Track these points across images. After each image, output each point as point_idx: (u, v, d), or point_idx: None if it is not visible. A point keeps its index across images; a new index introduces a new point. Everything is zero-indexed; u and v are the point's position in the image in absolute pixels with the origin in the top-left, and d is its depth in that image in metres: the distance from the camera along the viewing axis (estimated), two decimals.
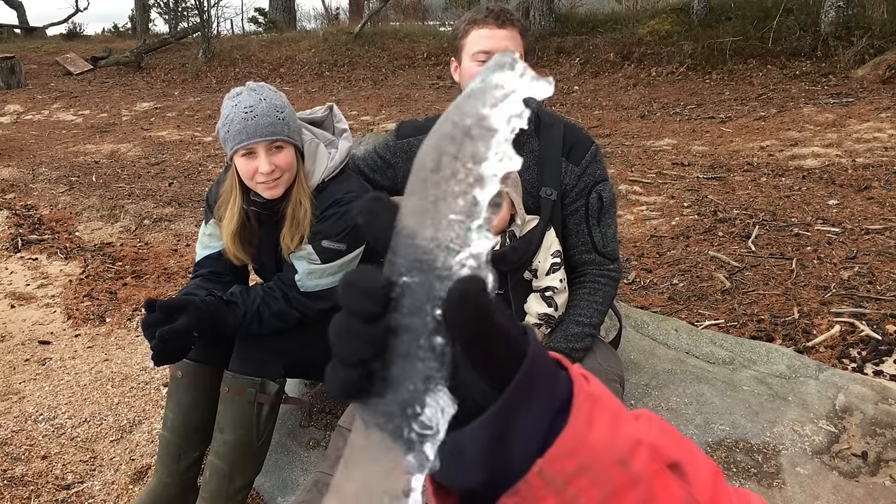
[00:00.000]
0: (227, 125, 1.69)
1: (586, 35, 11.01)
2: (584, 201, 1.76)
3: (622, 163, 5.87)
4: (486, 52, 1.73)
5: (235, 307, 1.72)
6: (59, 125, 9.23)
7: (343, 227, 1.77)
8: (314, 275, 1.78)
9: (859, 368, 2.54)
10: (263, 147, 1.68)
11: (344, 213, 1.78)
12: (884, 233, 3.82)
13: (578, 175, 1.76)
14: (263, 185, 1.72)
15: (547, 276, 1.68)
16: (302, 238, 1.75)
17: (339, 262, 1.79)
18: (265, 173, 1.69)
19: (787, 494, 1.68)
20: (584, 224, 1.76)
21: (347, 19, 18.19)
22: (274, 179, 1.71)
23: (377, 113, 9.03)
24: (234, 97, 1.72)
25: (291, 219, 1.75)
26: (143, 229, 4.65)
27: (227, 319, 1.71)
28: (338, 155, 1.84)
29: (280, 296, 1.76)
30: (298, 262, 1.79)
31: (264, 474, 1.87)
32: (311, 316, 1.79)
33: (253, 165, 1.70)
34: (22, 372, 2.82)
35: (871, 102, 7.11)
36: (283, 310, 1.76)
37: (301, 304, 1.77)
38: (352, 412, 1.61)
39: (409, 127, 1.96)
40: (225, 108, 1.72)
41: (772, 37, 9.21)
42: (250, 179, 1.73)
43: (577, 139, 1.81)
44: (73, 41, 16.21)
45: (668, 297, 3.30)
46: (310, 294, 1.78)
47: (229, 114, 1.69)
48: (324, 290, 1.79)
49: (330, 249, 1.77)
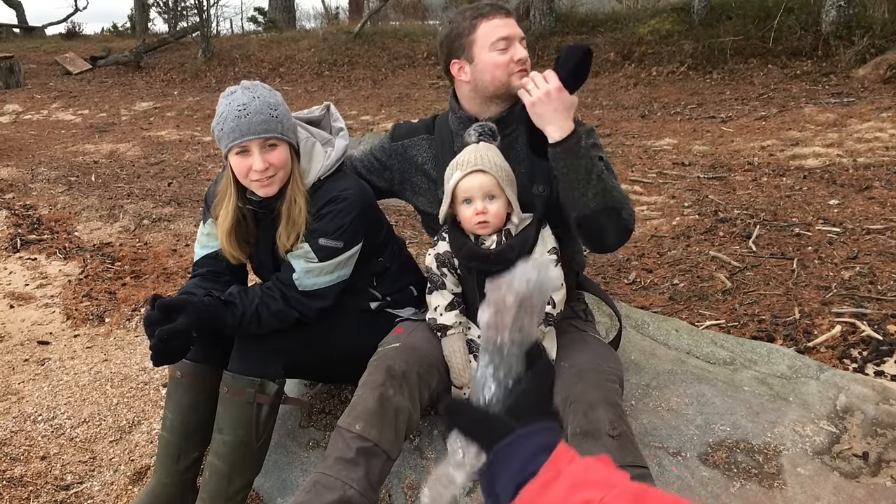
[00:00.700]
0: (222, 123, 1.69)
1: (586, 35, 11.00)
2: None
3: (622, 163, 5.87)
4: (505, 39, 1.74)
5: (234, 307, 1.72)
6: (58, 125, 9.22)
7: (340, 225, 1.77)
8: (312, 273, 1.77)
9: (860, 369, 2.54)
10: (257, 145, 1.68)
11: (340, 210, 1.77)
12: (885, 233, 3.81)
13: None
14: (258, 183, 1.72)
15: None
16: (298, 236, 1.75)
17: (337, 260, 1.78)
18: (259, 171, 1.69)
19: (788, 495, 1.67)
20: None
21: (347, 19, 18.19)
22: (268, 177, 1.71)
23: (377, 112, 9.02)
24: (228, 95, 1.72)
25: (287, 217, 1.74)
26: (143, 229, 4.64)
27: (225, 319, 1.70)
28: (334, 153, 1.83)
29: (279, 295, 1.76)
30: (296, 260, 1.78)
31: (264, 475, 1.86)
32: (310, 315, 1.79)
33: (247, 163, 1.70)
34: (21, 372, 2.81)
35: (872, 102, 7.10)
36: (282, 309, 1.75)
37: (300, 303, 1.77)
38: (351, 413, 1.61)
39: (404, 129, 1.96)
40: (220, 107, 1.72)
41: (773, 36, 9.20)
42: (245, 177, 1.73)
43: None
44: (72, 41, 16.21)
45: (669, 297, 3.30)
46: (308, 293, 1.77)
47: (223, 112, 1.70)
48: (322, 289, 1.79)
49: (327, 247, 1.76)
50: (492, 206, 1.65)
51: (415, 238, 4.16)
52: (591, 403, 1.56)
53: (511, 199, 1.67)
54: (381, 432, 1.57)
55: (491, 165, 1.64)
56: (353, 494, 1.50)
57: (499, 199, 1.65)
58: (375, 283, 1.95)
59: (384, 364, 1.67)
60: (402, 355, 1.69)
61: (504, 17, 1.75)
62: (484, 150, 1.67)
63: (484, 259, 1.67)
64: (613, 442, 1.50)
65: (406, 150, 1.92)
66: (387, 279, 1.96)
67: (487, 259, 1.67)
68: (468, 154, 1.67)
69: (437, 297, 1.76)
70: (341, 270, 1.81)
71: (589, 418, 1.54)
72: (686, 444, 1.80)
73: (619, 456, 1.49)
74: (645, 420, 1.87)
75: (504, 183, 1.65)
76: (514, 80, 1.75)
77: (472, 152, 1.67)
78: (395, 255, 2.00)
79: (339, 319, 1.86)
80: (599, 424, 1.52)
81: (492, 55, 1.75)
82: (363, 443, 1.56)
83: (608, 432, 1.51)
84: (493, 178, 1.63)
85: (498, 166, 1.65)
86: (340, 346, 1.85)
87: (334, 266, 1.78)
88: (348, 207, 1.78)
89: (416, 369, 1.68)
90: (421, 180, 1.91)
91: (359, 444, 1.55)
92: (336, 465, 1.54)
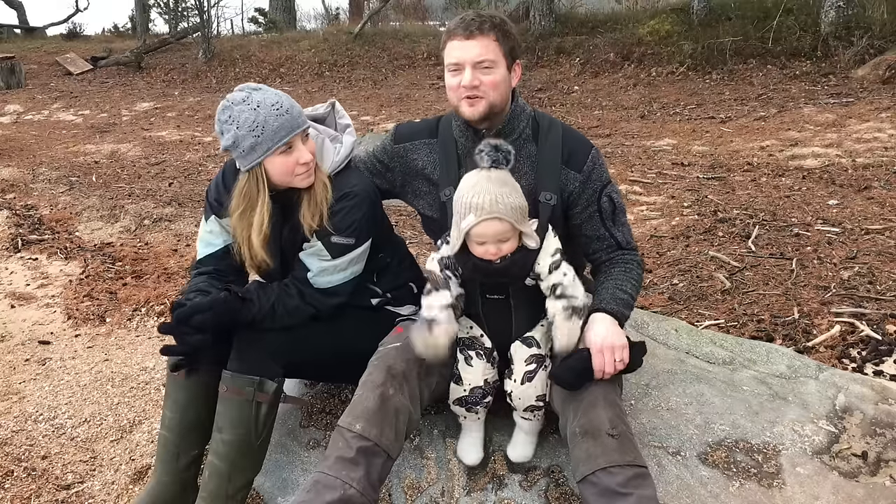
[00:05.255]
0: (260, 127, 1.66)
1: (586, 35, 11.01)
2: (597, 206, 1.79)
3: (622, 163, 5.87)
4: (455, 65, 1.72)
5: (251, 304, 1.75)
6: (59, 125, 9.23)
7: (351, 222, 1.78)
8: (326, 272, 1.80)
9: (859, 368, 2.54)
10: (300, 138, 1.71)
11: (352, 207, 1.78)
12: (884, 233, 3.82)
13: (583, 182, 1.77)
14: (303, 176, 1.74)
15: (550, 274, 1.68)
16: (321, 216, 1.76)
17: (350, 257, 1.80)
18: (307, 162, 1.72)
19: (787, 494, 1.68)
20: (603, 227, 1.80)
21: (347, 19, 18.19)
22: (311, 168, 1.74)
23: (377, 113, 9.03)
24: (244, 102, 1.68)
25: (310, 197, 1.76)
26: (143, 229, 4.65)
27: (241, 315, 1.74)
28: (343, 149, 1.85)
29: (295, 293, 1.79)
30: (309, 259, 1.80)
31: (264, 474, 1.87)
32: (325, 312, 1.82)
33: (293, 158, 1.71)
34: (22, 372, 2.82)
35: (871, 102, 7.11)
36: (299, 306, 1.79)
37: (316, 300, 1.80)
38: (352, 412, 1.61)
39: (406, 131, 1.96)
40: (243, 115, 1.67)
41: (772, 37, 9.21)
42: (290, 175, 1.73)
43: (576, 144, 1.81)
44: (73, 41, 16.21)
45: (669, 297, 3.30)
46: (324, 290, 1.80)
47: (256, 118, 1.66)
48: (337, 286, 1.81)
49: (339, 244, 1.78)
50: (505, 246, 1.63)
51: (415, 238, 4.17)
52: (590, 403, 1.57)
53: (524, 230, 1.65)
54: (382, 432, 1.58)
55: (506, 211, 1.58)
56: (354, 494, 1.51)
57: (513, 239, 1.64)
58: (376, 279, 1.96)
59: (385, 364, 1.68)
60: (402, 355, 1.69)
61: (463, 40, 1.71)
62: (498, 190, 1.59)
63: (489, 272, 1.67)
64: (613, 441, 1.51)
65: (407, 154, 1.92)
66: (387, 275, 1.97)
67: (493, 273, 1.67)
68: (483, 195, 1.58)
69: (436, 298, 1.73)
70: (354, 266, 1.83)
71: (589, 417, 1.55)
72: (685, 444, 1.80)
73: (618, 455, 1.49)
74: (644, 419, 1.88)
75: (519, 224, 1.62)
76: (461, 106, 1.74)
77: (486, 193, 1.58)
78: (395, 251, 2.01)
79: (339, 318, 1.87)
80: (599, 424, 1.53)
81: (447, 76, 1.76)
82: (364, 442, 1.56)
83: (608, 431, 1.52)
84: (507, 224, 1.59)
85: (513, 209, 1.59)
86: (340, 346, 1.86)
87: (347, 263, 1.81)
88: (359, 203, 1.79)
89: (417, 369, 1.68)
90: (422, 184, 1.91)
91: (359, 444, 1.56)
92: (336, 465, 1.55)
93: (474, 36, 1.70)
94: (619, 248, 1.81)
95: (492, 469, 1.79)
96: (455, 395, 1.77)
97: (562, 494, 1.72)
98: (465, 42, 1.71)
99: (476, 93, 1.71)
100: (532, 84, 9.78)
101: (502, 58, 1.73)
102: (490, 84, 1.71)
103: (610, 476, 1.47)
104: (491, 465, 1.80)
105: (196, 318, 1.70)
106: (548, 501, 1.71)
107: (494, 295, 1.73)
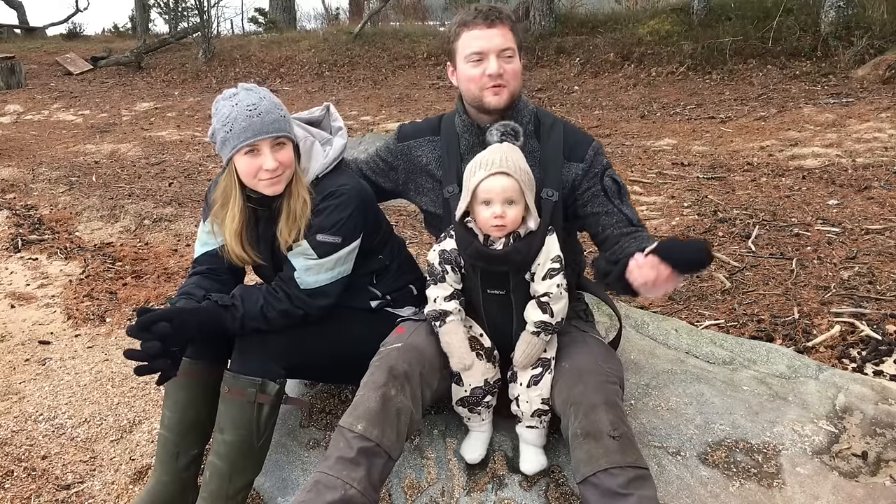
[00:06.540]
0: (230, 124, 1.69)
1: (586, 35, 11.01)
2: (601, 186, 1.79)
3: (622, 163, 5.87)
4: (478, 53, 1.73)
5: (233, 310, 1.73)
6: (59, 125, 9.23)
7: (337, 220, 1.77)
8: (312, 271, 1.77)
9: (859, 368, 2.54)
10: (268, 144, 1.70)
11: (338, 205, 1.77)
12: (884, 233, 3.82)
13: (585, 169, 1.79)
14: (266, 182, 1.73)
15: (543, 280, 1.68)
16: (299, 231, 1.75)
17: (336, 256, 1.78)
18: (270, 170, 1.70)
19: (787, 494, 1.68)
20: (611, 204, 1.78)
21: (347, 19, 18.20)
22: (277, 176, 1.73)
23: (377, 113, 9.03)
24: (230, 98, 1.72)
25: (288, 212, 1.75)
26: (143, 229, 4.65)
27: (224, 323, 1.72)
28: (332, 151, 1.85)
29: (283, 295, 1.76)
30: (296, 259, 1.78)
31: (264, 474, 1.87)
32: (313, 314, 1.79)
33: (257, 163, 1.70)
34: (22, 372, 2.82)
35: (871, 102, 7.11)
36: (288, 309, 1.76)
37: (303, 302, 1.77)
38: (353, 413, 1.61)
39: (409, 130, 1.97)
40: (222, 109, 1.71)
41: (772, 37, 9.21)
42: (253, 177, 1.73)
43: (578, 139, 1.82)
44: (73, 41, 16.22)
45: (668, 297, 3.30)
46: (310, 291, 1.77)
47: (230, 113, 1.69)
48: (324, 287, 1.79)
49: (325, 243, 1.76)
50: (510, 210, 1.64)
51: (415, 238, 4.17)
52: (591, 404, 1.57)
53: (530, 203, 1.66)
54: (383, 432, 1.58)
55: (515, 168, 1.62)
56: (354, 494, 1.51)
57: (518, 205, 1.64)
58: (375, 282, 1.95)
59: (386, 364, 1.68)
60: (404, 355, 1.69)
61: (484, 28, 1.72)
62: (508, 152, 1.65)
63: (490, 259, 1.68)
64: (614, 443, 1.51)
65: (411, 151, 1.93)
66: (386, 277, 1.97)
67: (494, 259, 1.67)
68: (493, 154, 1.65)
69: (437, 290, 1.75)
70: (341, 266, 1.81)
71: (590, 419, 1.55)
72: (685, 444, 1.80)
73: (619, 457, 1.49)
74: (644, 420, 1.88)
75: (525, 187, 1.64)
76: (485, 96, 1.74)
77: (496, 153, 1.65)
78: (394, 254, 2.00)
79: (339, 320, 1.86)
80: (600, 425, 1.53)
81: (466, 67, 1.75)
82: (365, 443, 1.56)
83: (609, 433, 1.52)
84: (515, 182, 1.62)
85: (521, 170, 1.64)
86: (341, 347, 1.85)
87: (334, 262, 1.79)
88: (346, 202, 1.78)
89: (419, 369, 1.68)
90: (425, 180, 1.92)
91: (360, 444, 1.56)
92: (337, 465, 1.55)
93: (495, 24, 1.72)
94: (631, 225, 1.77)
95: (492, 469, 1.79)
96: (456, 396, 1.77)
97: (562, 494, 1.72)
98: (486, 31, 1.72)
99: (500, 81, 1.72)
100: (532, 84, 9.78)
101: (515, 48, 1.76)
102: (512, 73, 1.74)
103: (611, 477, 1.47)
104: (491, 465, 1.80)
105: (158, 326, 1.64)
106: (548, 501, 1.71)
107: (495, 290, 1.73)
